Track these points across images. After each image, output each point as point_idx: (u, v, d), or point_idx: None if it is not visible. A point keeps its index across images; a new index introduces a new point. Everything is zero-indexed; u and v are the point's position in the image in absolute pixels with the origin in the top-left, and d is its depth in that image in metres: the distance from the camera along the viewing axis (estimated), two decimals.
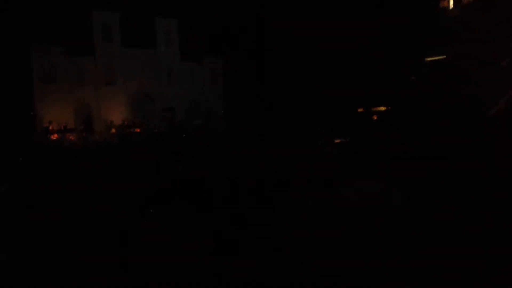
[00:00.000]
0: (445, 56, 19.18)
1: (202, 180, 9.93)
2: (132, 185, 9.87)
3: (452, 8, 21.23)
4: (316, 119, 19.79)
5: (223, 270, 4.39)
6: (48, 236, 6.06)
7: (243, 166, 11.06)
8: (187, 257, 4.96)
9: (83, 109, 25.57)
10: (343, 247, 1.97)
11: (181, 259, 5.01)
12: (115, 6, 25.90)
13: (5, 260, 6.49)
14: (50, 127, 22.72)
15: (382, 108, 19.56)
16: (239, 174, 10.08)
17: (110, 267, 5.03)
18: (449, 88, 17.73)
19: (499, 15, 18.75)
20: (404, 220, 2.57)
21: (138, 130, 25.04)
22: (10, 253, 6.59)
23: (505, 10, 18.59)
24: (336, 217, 2.33)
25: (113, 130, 25.02)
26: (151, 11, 27.52)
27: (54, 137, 22.46)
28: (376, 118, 18.43)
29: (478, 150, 6.96)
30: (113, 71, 26.50)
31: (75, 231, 6.36)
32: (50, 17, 23.78)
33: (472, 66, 17.92)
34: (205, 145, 17.90)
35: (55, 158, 15.84)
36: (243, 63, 29.55)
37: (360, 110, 20.82)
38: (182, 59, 29.49)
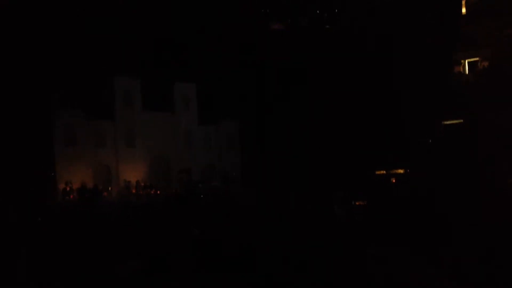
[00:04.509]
0: (462, 120, 19.18)
1: (216, 244, 9.86)
2: (149, 247, 9.82)
3: (467, 74, 21.44)
4: (334, 181, 19.69)
5: None
6: None
7: (259, 230, 10.98)
8: None
9: (103, 170, 25.88)
10: None
11: None
12: (136, 71, 26.60)
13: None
14: (67, 188, 23.02)
15: (400, 171, 19.47)
16: (255, 237, 9.98)
17: None
18: (464, 152, 17.59)
19: None
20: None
21: (158, 192, 25.29)
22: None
23: None
24: None
25: (133, 191, 25.28)
26: (170, 76, 28.23)
27: (72, 197, 22.78)
28: (394, 181, 18.29)
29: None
30: (132, 134, 26.97)
31: None
32: (72, 81, 24.64)
33: (487, 132, 17.85)
34: (221, 208, 17.89)
35: (73, 218, 15.94)
36: (259, 126, 29.86)
37: (379, 172, 20.68)
38: (199, 122, 29.89)
